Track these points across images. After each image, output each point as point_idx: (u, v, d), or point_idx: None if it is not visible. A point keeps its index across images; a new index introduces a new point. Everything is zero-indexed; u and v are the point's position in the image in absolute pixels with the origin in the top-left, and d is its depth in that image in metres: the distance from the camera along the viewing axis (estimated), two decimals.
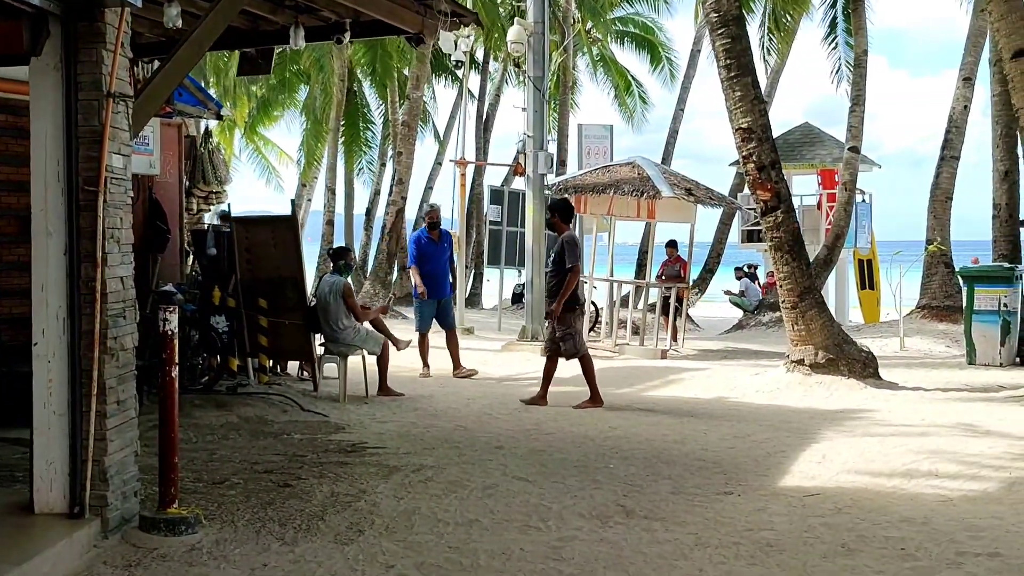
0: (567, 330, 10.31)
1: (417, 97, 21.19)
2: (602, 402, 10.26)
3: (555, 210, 10.77)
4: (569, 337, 10.30)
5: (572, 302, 10.28)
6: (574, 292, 10.25)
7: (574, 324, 10.35)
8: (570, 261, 10.19)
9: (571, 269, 10.17)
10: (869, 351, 11.71)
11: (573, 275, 10.17)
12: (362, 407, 10.17)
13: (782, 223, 11.40)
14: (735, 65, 11.29)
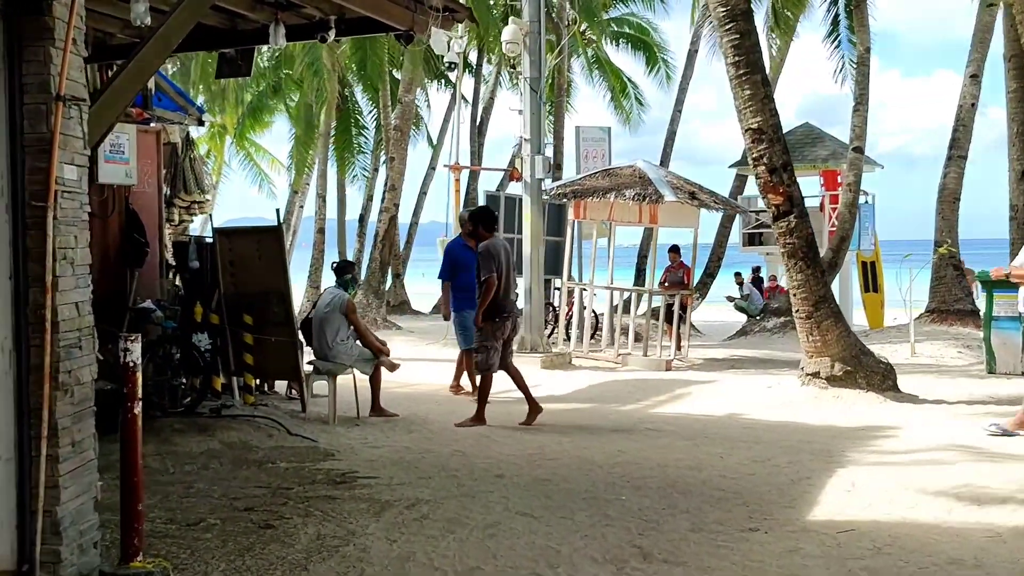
0: (484, 341, 9.79)
1: (409, 101, 20.56)
2: (484, 422, 9.75)
3: (476, 219, 10.18)
4: (484, 349, 9.79)
5: (494, 313, 9.73)
6: (497, 303, 9.71)
7: (492, 336, 9.77)
8: (484, 272, 9.71)
9: (485, 281, 9.69)
10: (888, 362, 11.12)
11: (487, 286, 9.66)
12: (353, 430, 9.56)
13: (795, 228, 10.81)
14: (744, 62, 10.70)
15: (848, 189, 22.04)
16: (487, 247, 9.81)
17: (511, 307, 10.00)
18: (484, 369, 9.89)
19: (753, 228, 27.04)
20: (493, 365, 9.84)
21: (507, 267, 9.90)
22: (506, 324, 9.87)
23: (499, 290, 9.75)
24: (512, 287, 10.09)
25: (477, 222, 10.12)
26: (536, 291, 15.54)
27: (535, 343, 15.38)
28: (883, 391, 10.80)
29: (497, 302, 9.74)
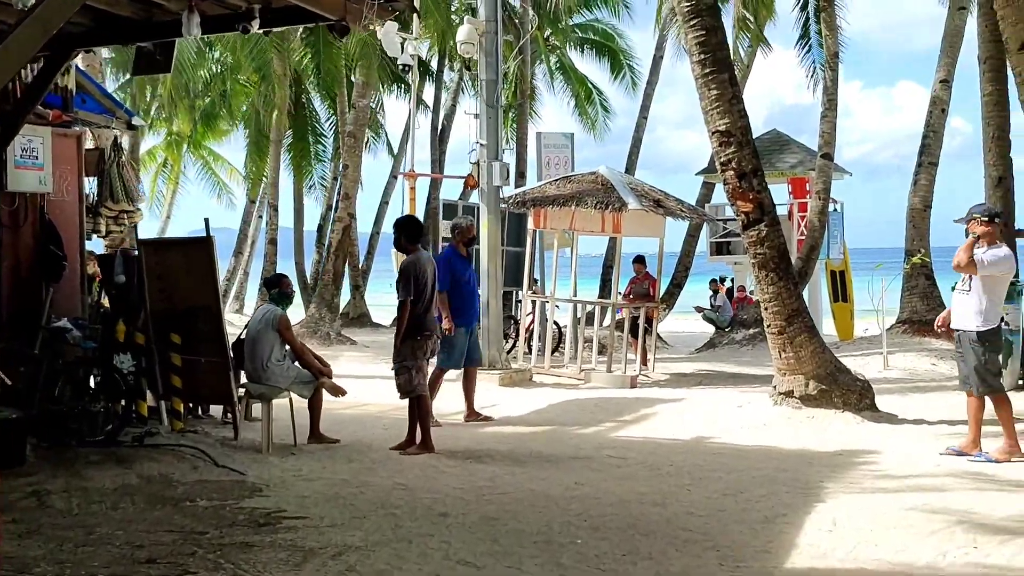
0: (403, 362, 9.04)
1: (364, 106, 19.75)
2: (433, 449, 8.95)
3: (400, 229, 9.38)
4: (404, 371, 9.04)
5: (415, 332, 9.00)
6: (419, 321, 8.99)
7: (412, 355, 9.02)
8: (400, 294, 9.00)
9: (400, 304, 9.00)
10: (865, 380, 10.45)
11: (403, 309, 8.97)
12: (288, 459, 8.73)
13: (766, 238, 10.12)
14: (710, 60, 10.01)
15: (817, 197, 21.50)
16: (410, 264, 9.06)
17: (433, 324, 9.23)
18: (408, 392, 9.11)
19: (721, 237, 26.42)
20: (419, 385, 9.09)
21: (432, 283, 9.16)
22: (427, 343, 9.11)
23: (423, 307, 9.01)
24: (434, 304, 9.33)
25: (400, 233, 9.35)
26: (494, 304, 14.76)
27: (493, 359, 14.59)
28: (860, 411, 10.13)
29: (419, 320, 8.99)
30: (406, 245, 9.25)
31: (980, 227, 8.39)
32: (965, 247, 8.40)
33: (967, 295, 8.44)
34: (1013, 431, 8.41)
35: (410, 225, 9.45)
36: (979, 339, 8.43)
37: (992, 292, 8.39)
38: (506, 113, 37.09)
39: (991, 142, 13.69)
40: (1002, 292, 8.48)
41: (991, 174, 13.70)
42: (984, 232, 8.39)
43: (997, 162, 13.62)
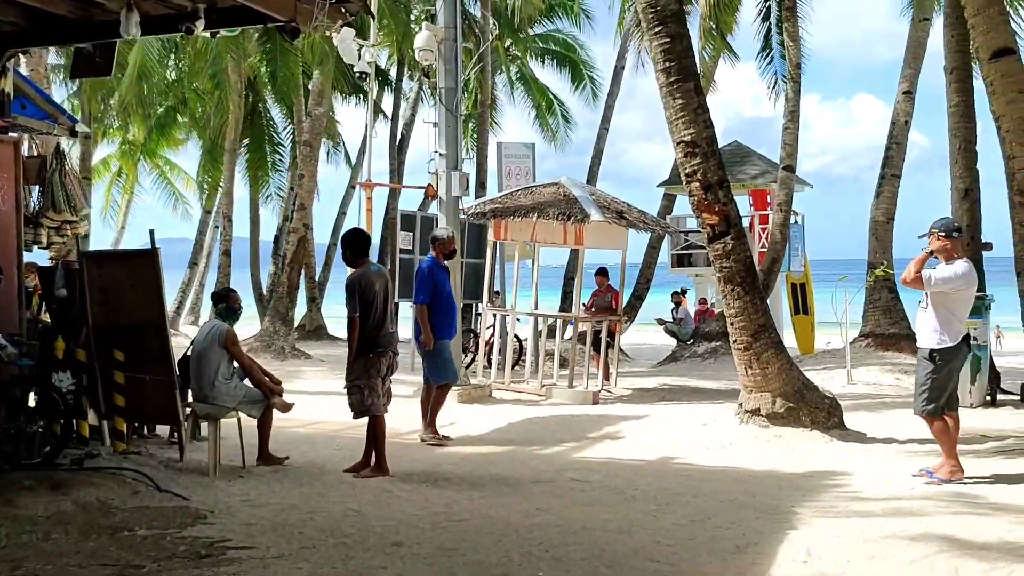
0: (355, 381, 8.65)
1: (320, 114, 19.30)
2: (388, 472, 8.56)
3: (347, 243, 8.98)
4: (356, 390, 8.66)
5: (367, 349, 8.62)
6: (371, 338, 8.60)
7: (366, 375, 8.64)
8: (349, 309, 8.61)
9: (349, 321, 8.62)
10: (833, 397, 10.19)
11: (352, 326, 8.59)
12: (236, 483, 8.30)
13: (732, 251, 9.84)
14: (675, 68, 9.73)
15: (779, 209, 21.36)
16: (356, 279, 8.67)
17: (387, 341, 8.83)
18: (362, 411, 8.73)
19: (682, 249, 26.23)
20: (374, 405, 8.69)
21: (384, 297, 8.78)
22: (381, 360, 8.73)
23: (374, 323, 8.62)
24: (389, 319, 8.94)
25: (347, 248, 8.97)
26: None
27: None
28: (828, 429, 9.87)
29: (371, 336, 8.61)
30: (353, 259, 8.87)
31: (936, 242, 8.13)
32: (915, 261, 8.20)
33: (924, 311, 8.18)
34: (951, 451, 8.14)
35: (357, 239, 9.06)
36: (929, 357, 8.13)
37: (948, 309, 8.06)
38: (466, 123, 36.87)
39: (957, 153, 13.54)
40: (962, 310, 8.14)
41: (958, 186, 13.54)
42: (939, 247, 8.10)
43: (964, 174, 13.46)
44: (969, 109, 13.59)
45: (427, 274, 10.76)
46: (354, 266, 8.89)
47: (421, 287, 10.80)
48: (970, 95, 13.69)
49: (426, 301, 10.70)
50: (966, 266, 8.15)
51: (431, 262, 11.00)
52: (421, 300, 10.76)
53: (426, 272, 10.79)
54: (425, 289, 10.74)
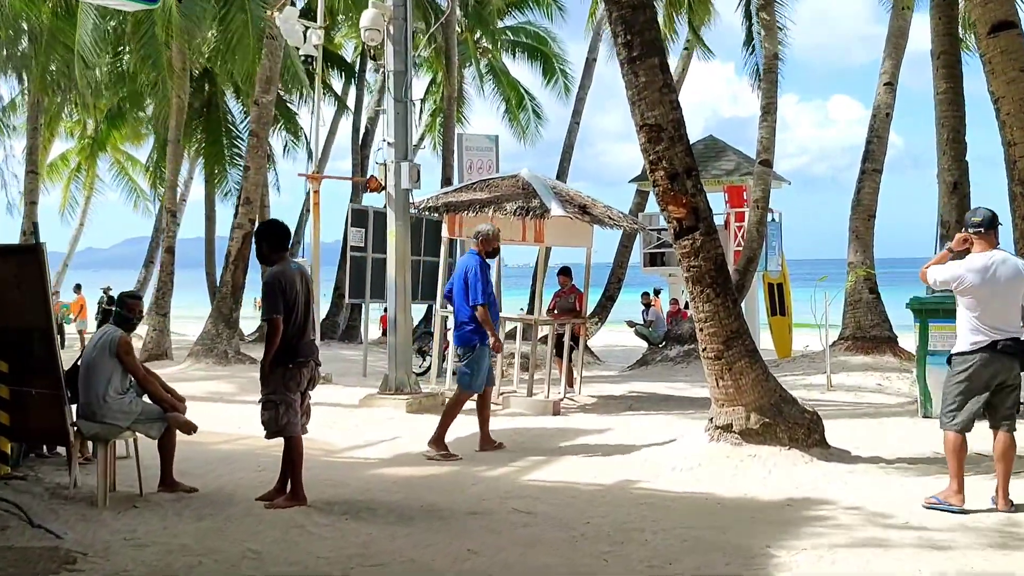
0: (270, 395, 7.51)
1: (267, 102, 18.08)
2: (305, 500, 7.45)
3: (262, 237, 7.83)
4: (271, 405, 7.51)
5: (286, 358, 7.49)
6: (290, 345, 7.47)
7: (283, 388, 7.50)
8: (265, 312, 7.48)
9: (268, 323, 7.49)
10: (814, 412, 9.12)
11: (272, 329, 7.43)
12: (125, 515, 7.16)
13: (702, 248, 8.77)
14: (637, 42, 8.64)
15: (756, 206, 20.38)
16: (276, 276, 7.52)
17: (308, 350, 7.70)
18: (275, 431, 7.58)
19: (655, 247, 25.19)
20: (290, 424, 7.55)
21: (305, 300, 7.65)
22: (301, 372, 7.60)
23: (294, 329, 7.49)
24: (312, 324, 7.81)
25: (261, 241, 7.80)
26: (402, 320, 13.26)
27: (401, 382, 13.09)
28: (808, 448, 8.80)
29: (290, 344, 7.48)
30: (269, 254, 7.71)
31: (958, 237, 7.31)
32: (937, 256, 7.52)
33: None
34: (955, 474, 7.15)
35: (273, 231, 7.89)
36: (948, 361, 7.36)
37: (963, 309, 7.23)
38: (433, 117, 35.83)
39: (945, 144, 12.53)
40: (979, 310, 7.15)
41: (945, 179, 12.54)
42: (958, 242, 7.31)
43: (952, 166, 12.46)
44: (958, 96, 12.60)
45: (480, 271, 10.04)
46: (270, 263, 7.75)
47: (477, 285, 9.97)
48: (958, 81, 12.70)
49: (485, 301, 9.95)
50: (965, 262, 7.23)
51: (478, 259, 10.20)
52: (480, 300, 9.92)
53: (479, 269, 10.05)
54: (482, 287, 9.98)
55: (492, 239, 10.45)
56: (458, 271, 10.39)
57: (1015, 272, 7.09)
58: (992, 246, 7.19)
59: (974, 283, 7.09)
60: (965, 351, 7.18)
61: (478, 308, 9.93)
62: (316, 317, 7.93)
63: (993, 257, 7.12)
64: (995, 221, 7.24)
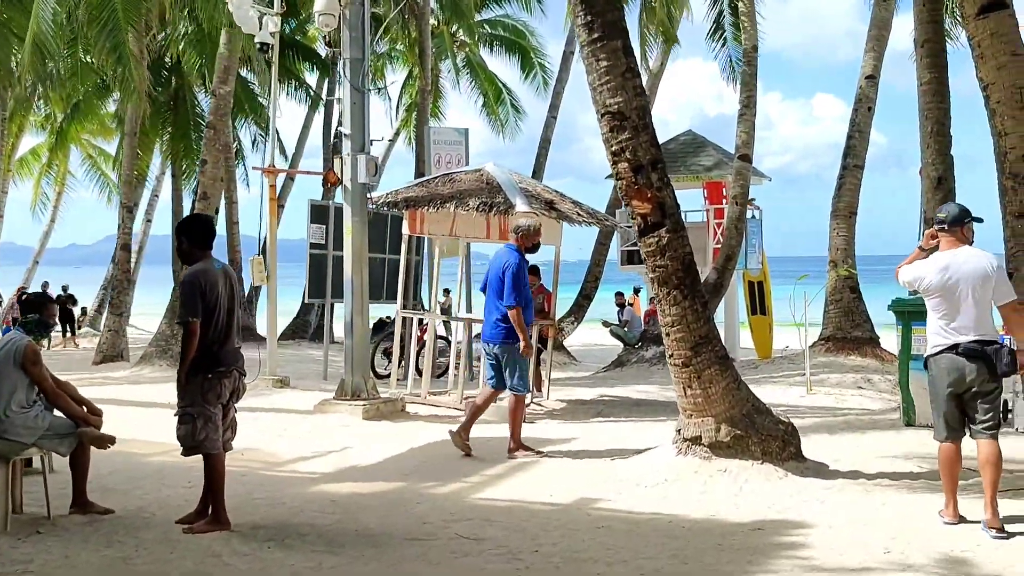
0: (187, 407, 6.79)
1: (225, 93, 17.33)
2: (228, 524, 6.77)
3: (184, 232, 7.05)
4: (188, 419, 6.78)
5: (205, 367, 6.79)
6: (211, 352, 6.79)
7: (202, 400, 6.78)
8: (182, 314, 6.79)
9: (183, 325, 6.78)
10: (788, 423, 8.47)
11: (189, 334, 6.71)
12: (26, 542, 6.46)
13: (668, 246, 8.12)
14: (598, 23, 7.97)
15: (735, 202, 19.76)
16: (196, 275, 6.82)
17: (232, 358, 7.01)
18: (194, 447, 6.88)
19: (632, 245, 24.46)
20: (208, 440, 6.84)
21: (229, 303, 6.96)
22: (223, 382, 6.90)
23: (216, 334, 6.81)
24: (235, 329, 7.10)
25: (182, 236, 7.06)
26: (359, 322, 12.56)
27: (358, 387, 12.39)
28: (783, 461, 8.16)
29: (210, 351, 6.79)
30: (191, 251, 7.00)
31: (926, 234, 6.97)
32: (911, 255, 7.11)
33: None
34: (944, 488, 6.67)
35: (197, 226, 7.18)
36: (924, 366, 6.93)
37: (929, 310, 6.80)
38: (409, 112, 35.09)
39: (929, 137, 11.90)
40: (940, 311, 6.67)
41: (929, 174, 11.91)
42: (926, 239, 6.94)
43: (936, 160, 11.83)
44: (942, 87, 11.98)
45: (521, 271, 9.61)
46: (191, 260, 7.04)
47: (516, 286, 9.54)
48: (943, 71, 12.08)
49: (520, 303, 9.48)
50: (927, 260, 6.82)
51: (519, 256, 9.70)
52: (516, 302, 9.49)
53: (520, 268, 9.61)
54: (517, 289, 9.53)
55: (533, 234, 10.00)
56: (495, 266, 9.86)
57: (980, 271, 6.56)
58: (961, 243, 6.71)
59: (932, 283, 6.69)
60: (930, 354, 6.78)
61: (510, 310, 9.47)
62: (240, 321, 7.22)
63: (957, 255, 6.63)
64: (962, 217, 6.74)
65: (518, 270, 9.57)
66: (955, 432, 6.65)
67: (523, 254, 9.85)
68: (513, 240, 9.97)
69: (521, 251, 9.85)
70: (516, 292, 9.51)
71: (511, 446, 9.52)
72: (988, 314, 6.61)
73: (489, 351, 9.84)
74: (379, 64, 36.49)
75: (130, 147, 21.23)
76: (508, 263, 9.64)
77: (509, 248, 9.94)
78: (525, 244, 9.91)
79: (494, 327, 9.70)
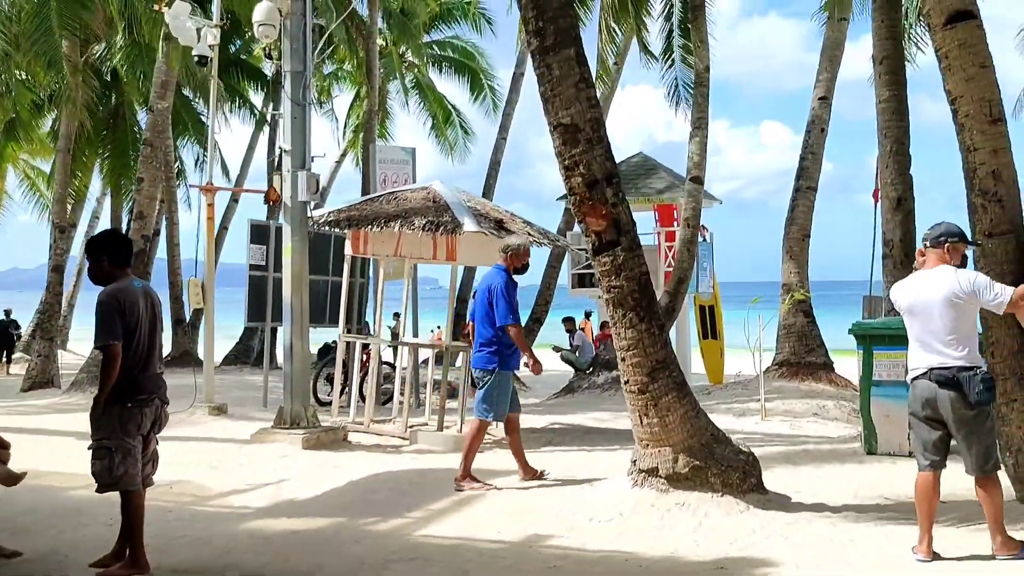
0: (103, 439, 6.21)
1: (163, 108, 16.68)
2: (147, 567, 6.20)
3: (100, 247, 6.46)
4: (104, 453, 6.21)
5: (125, 395, 6.23)
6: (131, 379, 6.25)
7: (121, 429, 6.22)
8: (100, 337, 6.21)
9: (103, 349, 6.21)
10: (750, 453, 8.05)
11: (110, 358, 6.16)
12: None
13: (623, 266, 7.68)
14: (551, 30, 7.55)
15: (686, 224, 19.43)
16: (113, 296, 6.26)
17: (153, 385, 6.45)
18: (110, 484, 6.29)
19: (583, 268, 24.15)
20: (127, 476, 6.27)
21: (151, 324, 6.41)
22: (143, 412, 6.34)
23: (135, 359, 6.24)
24: (157, 353, 6.55)
25: (100, 253, 6.47)
26: (299, 347, 11.97)
27: (298, 415, 11.79)
28: (744, 493, 7.73)
29: (131, 378, 6.23)
30: (112, 270, 6.43)
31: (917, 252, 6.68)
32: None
33: None
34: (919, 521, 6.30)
35: (119, 242, 6.62)
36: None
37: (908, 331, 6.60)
38: (356, 133, 34.54)
39: (888, 157, 11.61)
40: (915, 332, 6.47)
41: (888, 195, 11.61)
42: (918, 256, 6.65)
43: (896, 180, 11.53)
44: (901, 105, 11.71)
45: (510, 289, 9.26)
46: (109, 280, 6.45)
47: (510, 303, 9.15)
48: (902, 88, 11.82)
49: (512, 321, 9.09)
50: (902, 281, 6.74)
51: (506, 276, 9.27)
52: (513, 319, 9.12)
53: (509, 287, 9.24)
54: (513, 305, 9.17)
55: (523, 254, 9.55)
56: (481, 288, 9.50)
57: (946, 293, 6.23)
58: (940, 263, 6.35)
59: (901, 304, 6.53)
60: (909, 379, 6.57)
61: (510, 328, 9.06)
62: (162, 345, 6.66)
63: (930, 276, 6.35)
64: (943, 235, 6.40)
65: (506, 288, 9.16)
66: (933, 461, 6.29)
67: (511, 274, 9.42)
68: (501, 260, 9.50)
69: (509, 271, 9.41)
70: (510, 310, 9.10)
71: (459, 475, 9.02)
72: (964, 338, 6.23)
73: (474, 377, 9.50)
74: (326, 83, 36.03)
75: (63, 164, 20.45)
76: (495, 284, 9.24)
77: (497, 269, 9.49)
78: (514, 264, 9.46)
79: (477, 351, 9.29)
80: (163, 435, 12.01)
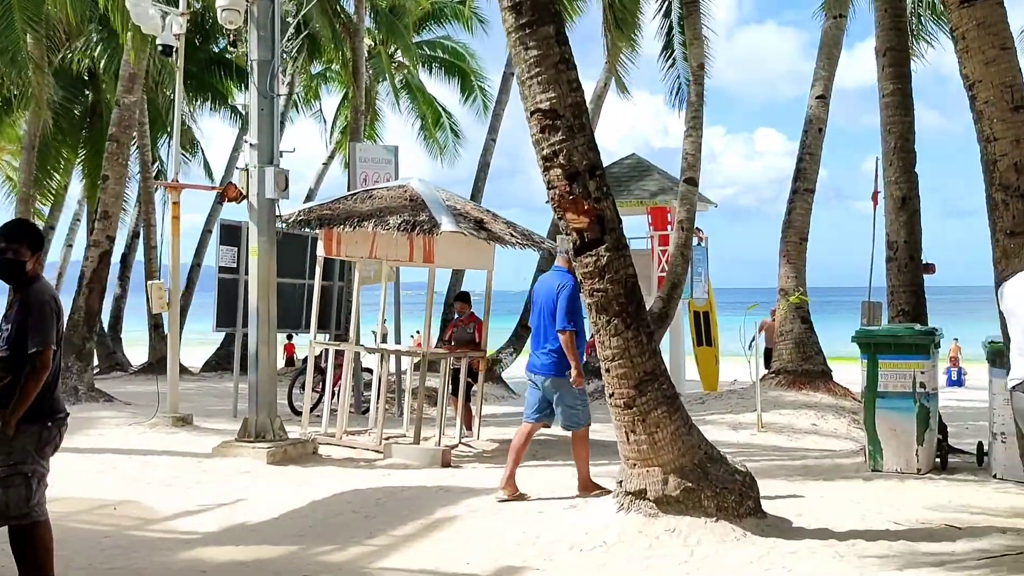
0: (18, 464, 5.36)
1: (130, 103, 15.93)
2: None
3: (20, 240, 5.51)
4: (20, 479, 5.36)
5: (45, 412, 5.44)
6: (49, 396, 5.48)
7: (38, 454, 5.43)
8: (38, 340, 5.35)
9: (32, 357, 5.34)
10: (747, 473, 7.31)
11: (42, 366, 5.35)
12: None
13: (608, 267, 6.96)
14: (527, 6, 6.83)
15: (680, 228, 18.78)
16: (49, 296, 5.50)
17: (62, 402, 5.71)
18: (19, 515, 5.39)
19: None
20: (39, 505, 5.47)
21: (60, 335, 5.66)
22: (61, 432, 5.59)
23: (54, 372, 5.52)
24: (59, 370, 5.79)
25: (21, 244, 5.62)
26: (264, 354, 11.21)
27: (263, 427, 11.04)
28: (740, 518, 7.00)
29: (50, 393, 5.49)
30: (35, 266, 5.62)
31: None
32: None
33: None
34: None
35: (35, 232, 5.81)
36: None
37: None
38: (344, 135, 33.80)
39: (892, 154, 10.92)
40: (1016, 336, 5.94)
41: (892, 193, 10.91)
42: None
43: (900, 178, 10.83)
44: (906, 99, 11.03)
45: (575, 294, 8.34)
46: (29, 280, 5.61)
47: (572, 308, 8.46)
48: (907, 81, 11.15)
49: (569, 327, 8.42)
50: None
51: (574, 278, 8.20)
52: (572, 325, 8.43)
53: (575, 291, 8.33)
54: (578, 312, 8.41)
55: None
56: (546, 291, 8.72)
57: None
58: None
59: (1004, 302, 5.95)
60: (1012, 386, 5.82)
61: (565, 333, 8.36)
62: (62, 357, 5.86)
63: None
64: None
65: (573, 292, 8.39)
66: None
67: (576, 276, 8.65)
68: (561, 262, 8.77)
69: (574, 273, 8.59)
70: (572, 315, 8.41)
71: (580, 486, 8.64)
72: None
73: (538, 384, 8.78)
74: (314, 84, 35.33)
75: (28, 162, 19.67)
76: (563, 284, 8.52)
77: (559, 271, 8.77)
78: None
79: (547, 357, 8.62)
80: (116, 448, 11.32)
